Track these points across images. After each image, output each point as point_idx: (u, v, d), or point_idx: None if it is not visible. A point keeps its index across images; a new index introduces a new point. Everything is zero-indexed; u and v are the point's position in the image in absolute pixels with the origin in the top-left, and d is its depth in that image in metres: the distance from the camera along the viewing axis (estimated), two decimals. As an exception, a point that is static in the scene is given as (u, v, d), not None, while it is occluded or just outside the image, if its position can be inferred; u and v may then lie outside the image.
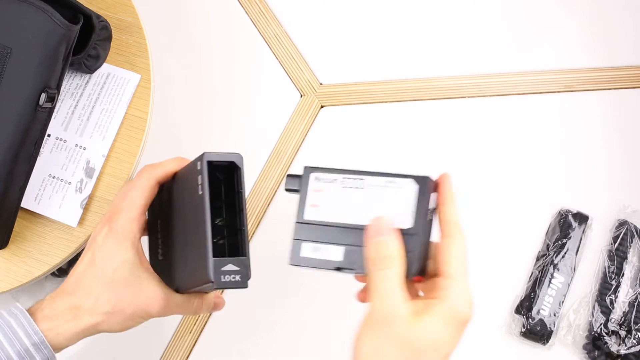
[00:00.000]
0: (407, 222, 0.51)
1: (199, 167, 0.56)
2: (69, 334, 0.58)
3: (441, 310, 0.49)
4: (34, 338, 0.56)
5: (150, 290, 0.58)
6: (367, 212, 0.52)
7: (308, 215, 0.54)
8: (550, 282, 0.93)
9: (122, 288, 0.58)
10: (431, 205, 0.52)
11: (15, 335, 0.56)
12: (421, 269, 0.51)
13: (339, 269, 0.52)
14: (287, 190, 0.56)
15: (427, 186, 0.51)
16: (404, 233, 0.51)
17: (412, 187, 0.51)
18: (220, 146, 1.02)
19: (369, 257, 0.50)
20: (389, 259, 0.49)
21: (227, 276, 0.53)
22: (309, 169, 0.55)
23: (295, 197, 0.56)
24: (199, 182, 0.56)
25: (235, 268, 0.54)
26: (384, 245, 0.50)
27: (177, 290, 0.60)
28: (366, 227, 0.51)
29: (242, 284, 0.54)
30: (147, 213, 0.63)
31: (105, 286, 0.58)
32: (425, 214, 0.51)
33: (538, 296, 0.93)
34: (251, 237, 0.98)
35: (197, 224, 0.55)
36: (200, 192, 0.56)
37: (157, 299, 0.58)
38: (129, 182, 0.63)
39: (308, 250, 0.53)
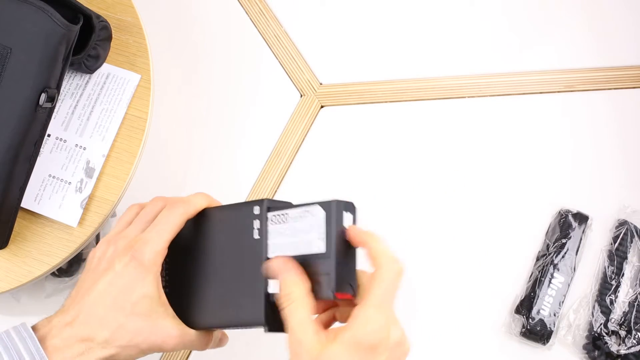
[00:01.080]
0: (321, 247, 0.53)
1: (256, 212, 0.57)
2: None
3: (344, 336, 0.50)
4: None
5: (166, 326, 0.57)
6: (290, 244, 0.55)
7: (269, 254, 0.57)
8: (550, 282, 0.93)
9: (140, 322, 0.56)
10: (346, 224, 0.54)
11: None
12: (342, 287, 0.52)
13: None
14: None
15: (332, 210, 0.53)
16: (321, 257, 0.53)
17: (320, 213, 0.53)
18: (220, 146, 1.02)
19: (278, 297, 0.53)
20: (289, 296, 0.52)
21: (276, 321, 0.55)
22: (267, 207, 0.57)
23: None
24: (255, 227, 0.57)
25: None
26: (284, 284, 0.52)
27: (192, 325, 0.60)
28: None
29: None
30: None
31: (123, 319, 0.56)
32: (337, 235, 0.53)
33: (538, 296, 0.93)
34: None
35: (248, 267, 0.56)
36: (257, 237, 0.56)
37: (173, 336, 0.57)
38: (147, 210, 0.61)
39: (272, 286, 0.56)
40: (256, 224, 0.57)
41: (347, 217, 0.54)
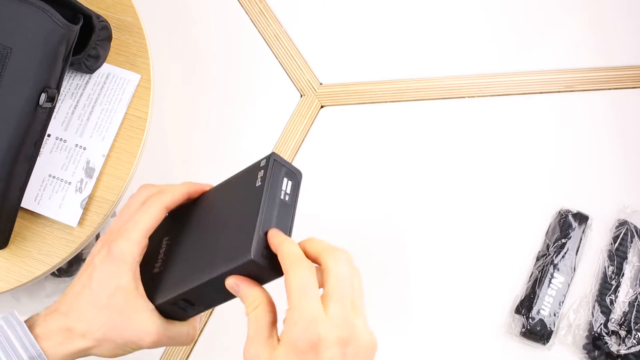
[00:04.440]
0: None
1: (262, 164, 0.55)
2: (61, 355, 0.57)
3: (283, 340, 0.50)
4: (31, 351, 0.55)
5: (143, 322, 0.57)
6: None
7: None
8: (550, 282, 0.93)
9: (116, 315, 0.57)
10: (284, 188, 0.54)
11: (13, 347, 0.55)
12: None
13: None
14: None
15: (268, 167, 0.54)
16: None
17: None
18: (220, 146, 1.02)
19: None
20: (253, 303, 0.52)
21: (264, 259, 0.52)
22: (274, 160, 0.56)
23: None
24: (260, 176, 0.55)
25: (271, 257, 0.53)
26: (248, 291, 0.53)
27: (178, 294, 0.58)
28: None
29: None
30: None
31: (98, 311, 0.57)
32: (268, 193, 0.53)
33: (538, 296, 0.93)
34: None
35: (247, 211, 0.54)
36: (259, 184, 0.54)
37: (149, 332, 0.57)
38: (133, 201, 0.61)
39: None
40: (260, 173, 0.55)
41: (286, 184, 0.54)
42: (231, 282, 0.53)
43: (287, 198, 0.55)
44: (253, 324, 0.52)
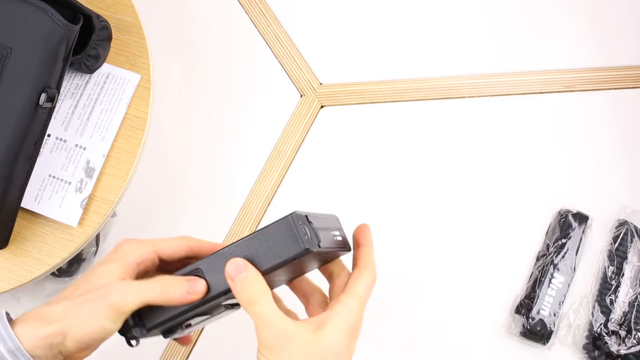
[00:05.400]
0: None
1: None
2: (33, 340, 0.55)
3: (335, 321, 0.55)
4: (9, 344, 0.54)
5: (113, 282, 0.56)
6: None
7: None
8: (550, 282, 0.93)
9: (92, 285, 0.56)
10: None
11: None
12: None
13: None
14: None
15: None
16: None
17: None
18: (220, 146, 1.02)
19: (240, 298, 0.55)
20: (257, 295, 0.55)
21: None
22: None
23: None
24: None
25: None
26: (244, 282, 0.54)
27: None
28: (225, 271, 0.55)
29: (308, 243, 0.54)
30: None
31: (78, 289, 0.57)
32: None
33: (538, 296, 0.93)
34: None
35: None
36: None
37: (117, 282, 0.56)
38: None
39: None
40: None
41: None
42: (239, 261, 0.54)
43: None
44: (263, 308, 0.54)
